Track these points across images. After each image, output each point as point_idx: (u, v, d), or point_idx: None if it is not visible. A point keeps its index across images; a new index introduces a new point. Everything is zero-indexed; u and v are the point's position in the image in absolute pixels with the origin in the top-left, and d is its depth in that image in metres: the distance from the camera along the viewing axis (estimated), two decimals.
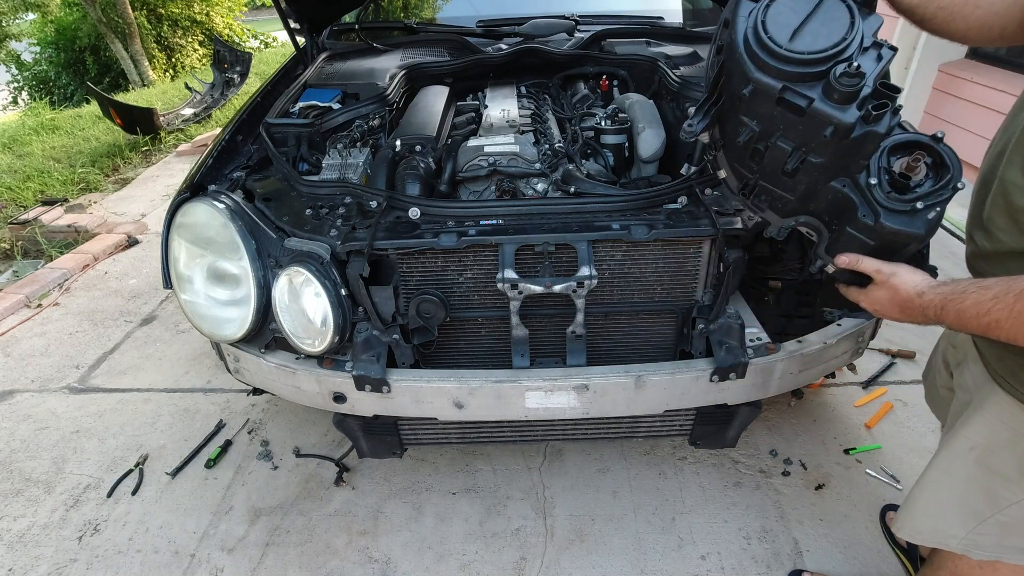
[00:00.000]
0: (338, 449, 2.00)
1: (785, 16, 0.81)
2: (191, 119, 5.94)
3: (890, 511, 1.69)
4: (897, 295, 0.90)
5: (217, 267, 1.43)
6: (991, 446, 0.97)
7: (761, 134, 0.92)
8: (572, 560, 1.65)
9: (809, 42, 0.80)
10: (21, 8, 10.55)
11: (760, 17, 0.81)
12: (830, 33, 0.80)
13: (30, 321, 2.85)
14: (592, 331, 1.49)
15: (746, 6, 0.86)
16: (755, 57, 0.83)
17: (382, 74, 2.09)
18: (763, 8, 0.82)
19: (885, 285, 0.92)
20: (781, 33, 0.81)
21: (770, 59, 0.82)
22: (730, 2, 0.90)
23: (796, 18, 0.81)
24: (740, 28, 0.85)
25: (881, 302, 0.94)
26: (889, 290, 0.91)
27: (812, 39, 0.80)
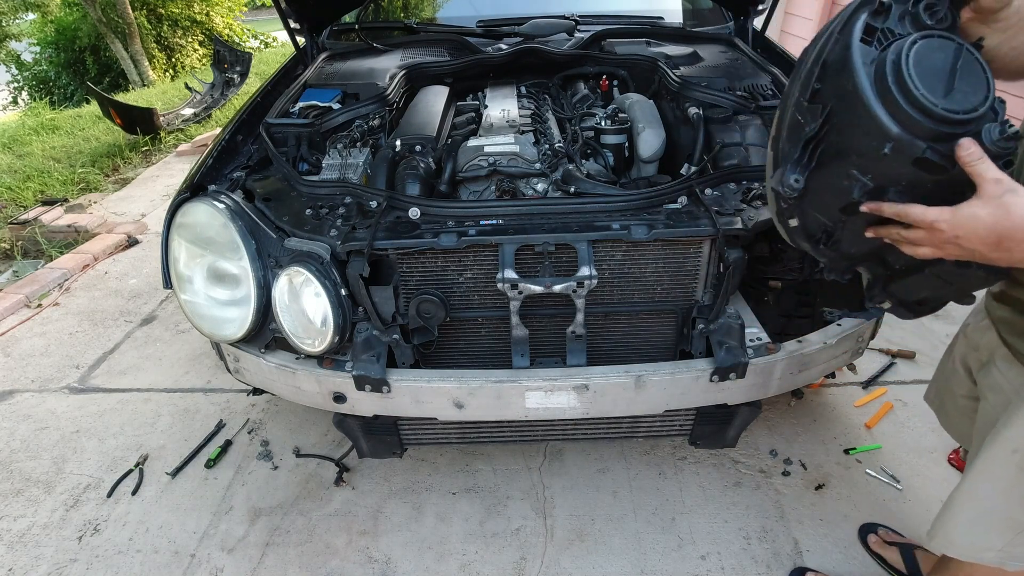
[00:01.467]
0: (338, 449, 2.00)
1: (930, 66, 0.71)
2: (191, 119, 5.94)
3: (871, 533, 1.66)
4: (1006, 219, 0.68)
5: (217, 267, 1.44)
6: None
7: (875, 190, 0.79)
8: (572, 560, 1.65)
9: (960, 100, 0.71)
10: (21, 8, 10.56)
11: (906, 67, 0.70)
12: (975, 89, 0.72)
13: (30, 321, 2.85)
14: (592, 331, 1.49)
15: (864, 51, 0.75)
16: (899, 111, 0.71)
17: (382, 74, 2.09)
18: (905, 56, 0.71)
19: (995, 202, 0.68)
20: (934, 87, 0.70)
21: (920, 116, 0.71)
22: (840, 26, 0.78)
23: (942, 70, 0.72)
24: (863, 73, 0.74)
25: (975, 220, 0.70)
26: (997, 209, 0.68)
27: (963, 96, 0.71)
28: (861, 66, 0.74)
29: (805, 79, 0.81)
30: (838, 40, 0.77)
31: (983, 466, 1.00)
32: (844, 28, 0.77)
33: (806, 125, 0.81)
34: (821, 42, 0.80)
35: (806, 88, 0.80)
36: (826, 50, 0.79)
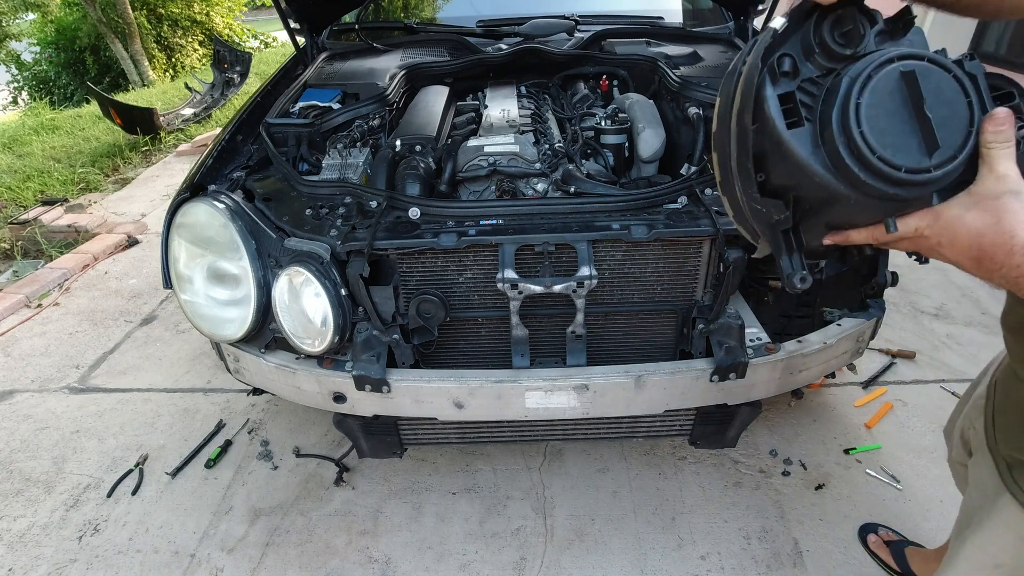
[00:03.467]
0: (338, 449, 2.00)
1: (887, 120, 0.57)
2: (191, 119, 5.94)
3: (870, 533, 1.66)
4: (994, 231, 0.55)
5: (217, 267, 1.44)
6: (1019, 571, 0.86)
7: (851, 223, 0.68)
8: (572, 560, 1.65)
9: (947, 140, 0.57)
10: (21, 8, 10.56)
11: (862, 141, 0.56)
12: (951, 131, 0.57)
13: (30, 321, 2.85)
14: (592, 331, 1.49)
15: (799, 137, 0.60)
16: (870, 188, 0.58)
17: (382, 74, 2.09)
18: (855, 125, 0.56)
19: (989, 203, 0.55)
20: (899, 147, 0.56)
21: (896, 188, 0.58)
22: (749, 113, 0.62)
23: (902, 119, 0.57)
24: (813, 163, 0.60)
25: (960, 229, 0.57)
26: (989, 214, 0.55)
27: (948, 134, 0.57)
28: (809, 157, 0.60)
29: (743, 174, 0.66)
30: (761, 131, 0.62)
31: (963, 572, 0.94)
32: (758, 114, 0.62)
33: (772, 215, 0.67)
34: (736, 128, 0.65)
35: (750, 182, 0.66)
36: (749, 143, 0.64)
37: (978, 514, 0.90)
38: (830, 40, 0.60)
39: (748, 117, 0.62)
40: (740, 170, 0.66)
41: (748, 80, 0.62)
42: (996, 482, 0.85)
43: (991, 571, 0.88)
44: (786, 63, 0.61)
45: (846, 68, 0.59)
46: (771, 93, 0.61)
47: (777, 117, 0.60)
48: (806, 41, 0.61)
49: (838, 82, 0.59)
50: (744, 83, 0.63)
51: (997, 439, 0.87)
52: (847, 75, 0.58)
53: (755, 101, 0.61)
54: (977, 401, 1.00)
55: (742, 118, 0.63)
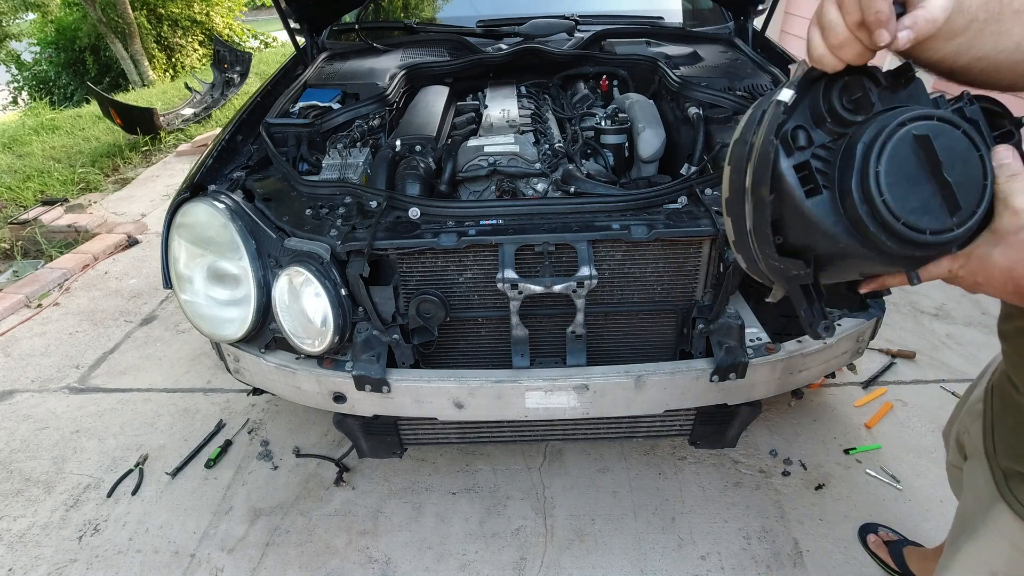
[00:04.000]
0: (338, 449, 2.00)
1: (907, 185, 0.57)
2: (191, 119, 5.94)
3: (870, 533, 1.66)
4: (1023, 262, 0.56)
5: (217, 267, 1.44)
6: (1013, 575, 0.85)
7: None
8: (572, 560, 1.65)
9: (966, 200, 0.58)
10: (21, 8, 10.55)
11: (884, 208, 0.57)
12: (969, 188, 0.57)
13: (30, 321, 2.85)
14: (592, 331, 1.49)
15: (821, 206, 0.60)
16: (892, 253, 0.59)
17: (382, 74, 2.09)
18: (877, 194, 0.57)
19: (1014, 238, 0.56)
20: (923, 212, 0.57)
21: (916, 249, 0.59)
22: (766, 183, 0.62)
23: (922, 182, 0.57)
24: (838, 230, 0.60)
25: (991, 268, 0.58)
26: (1017, 250, 0.56)
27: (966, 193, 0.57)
28: (831, 224, 0.60)
29: (760, 239, 0.66)
30: (779, 201, 0.62)
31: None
32: (776, 186, 0.62)
33: (791, 271, 0.67)
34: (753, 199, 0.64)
35: (768, 245, 0.66)
36: (767, 213, 0.64)
37: (973, 521, 0.90)
38: (840, 108, 0.60)
39: (765, 189, 0.62)
40: (758, 235, 0.66)
41: (763, 155, 0.62)
42: (991, 490, 0.85)
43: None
44: (800, 137, 0.61)
45: (857, 131, 0.59)
46: (787, 166, 0.60)
47: (796, 188, 0.60)
48: (815, 110, 0.61)
49: (852, 147, 0.59)
50: (758, 157, 0.63)
51: (995, 448, 0.87)
52: (861, 141, 0.58)
53: (772, 174, 0.61)
54: (973, 406, 0.99)
55: (758, 189, 0.64)
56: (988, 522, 0.86)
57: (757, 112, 0.66)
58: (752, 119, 0.66)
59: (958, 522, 0.97)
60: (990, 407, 0.91)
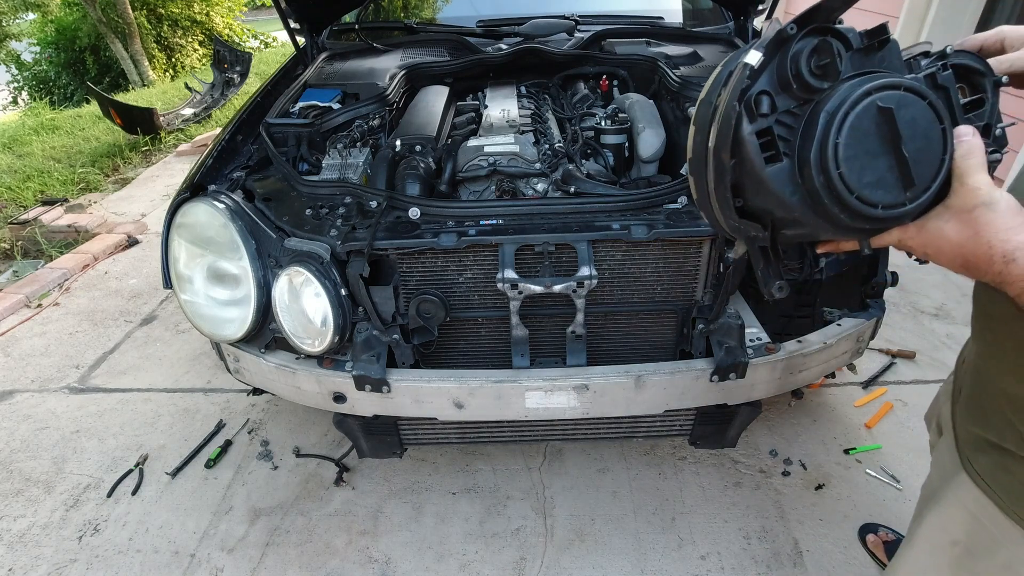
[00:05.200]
0: (338, 449, 2.00)
1: (864, 155, 0.57)
2: (191, 119, 5.94)
3: (869, 533, 1.66)
4: (973, 242, 0.58)
5: (217, 267, 1.44)
6: (972, 547, 0.84)
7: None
8: (572, 560, 1.65)
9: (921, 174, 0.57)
10: (21, 8, 10.55)
11: (839, 181, 0.57)
12: (926, 163, 0.57)
13: (30, 321, 2.85)
14: (592, 331, 1.49)
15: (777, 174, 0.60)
16: (847, 224, 0.60)
17: (382, 74, 2.09)
18: (833, 168, 0.56)
19: (966, 216, 0.58)
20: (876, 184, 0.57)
21: (869, 223, 0.60)
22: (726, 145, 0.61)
23: (878, 153, 0.57)
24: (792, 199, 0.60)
25: (941, 241, 0.60)
26: (965, 227, 0.58)
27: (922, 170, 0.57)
28: (788, 193, 0.60)
29: (721, 201, 0.66)
30: (739, 166, 0.62)
31: (922, 552, 0.92)
32: (736, 151, 0.61)
33: (752, 232, 0.68)
34: (714, 162, 0.64)
35: (728, 207, 0.66)
36: (727, 176, 0.63)
37: (936, 493, 0.90)
38: (807, 74, 0.59)
39: (726, 155, 0.62)
40: (718, 197, 0.66)
41: (725, 118, 0.61)
42: (955, 460, 0.85)
43: (948, 548, 0.87)
44: (764, 103, 0.59)
45: (823, 98, 0.58)
46: (749, 132, 0.60)
47: (756, 156, 0.60)
48: (782, 74, 0.60)
49: (815, 116, 0.58)
50: (721, 121, 0.62)
51: (958, 415, 0.88)
52: (824, 110, 0.57)
53: (733, 140, 0.61)
54: (948, 387, 1.00)
55: (719, 154, 0.63)
56: (949, 492, 0.86)
57: (724, 72, 0.64)
58: (719, 79, 0.64)
59: (923, 496, 0.98)
60: (957, 380, 0.92)
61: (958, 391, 0.91)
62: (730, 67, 0.63)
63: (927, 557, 0.91)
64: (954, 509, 0.86)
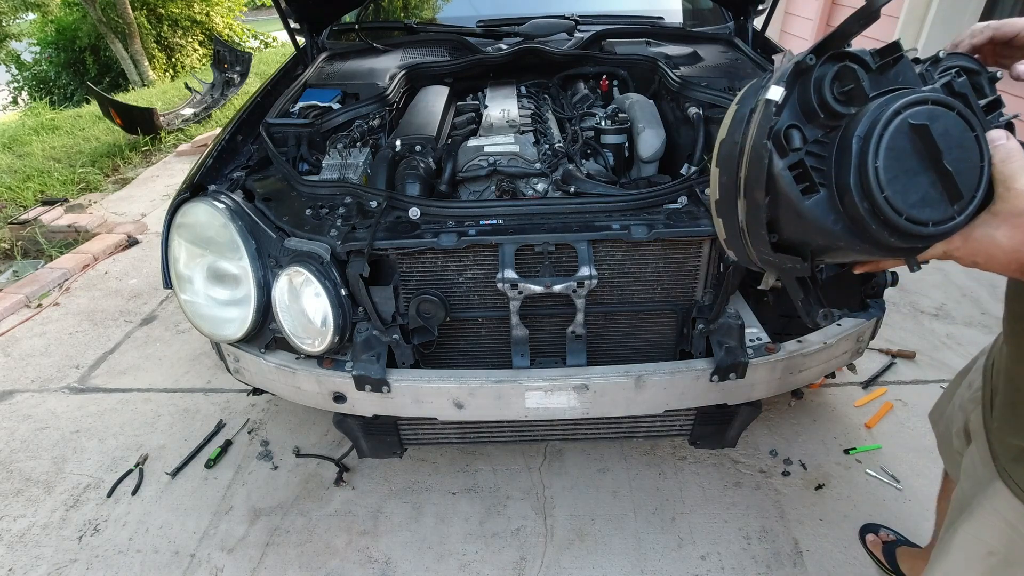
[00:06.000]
0: (338, 449, 2.00)
1: (905, 176, 0.55)
2: (191, 119, 5.94)
3: (870, 533, 1.66)
4: None
5: (217, 267, 1.44)
6: (1010, 557, 0.83)
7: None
8: (572, 560, 1.65)
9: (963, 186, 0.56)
10: (21, 8, 10.55)
11: (884, 203, 0.55)
12: (968, 173, 0.56)
13: (30, 321, 2.85)
14: (592, 331, 1.49)
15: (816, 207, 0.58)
16: (891, 245, 0.58)
17: (382, 74, 2.09)
18: (878, 188, 0.54)
19: (1016, 220, 0.56)
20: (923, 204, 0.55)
21: (916, 241, 0.58)
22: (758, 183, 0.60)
23: (921, 173, 0.55)
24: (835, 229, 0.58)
25: (992, 247, 0.57)
26: (1016, 231, 0.56)
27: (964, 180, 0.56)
28: (831, 223, 0.58)
29: (755, 238, 0.65)
30: (775, 203, 0.61)
31: (953, 564, 0.91)
32: (771, 188, 0.60)
33: (789, 265, 0.66)
34: (747, 201, 0.63)
35: (763, 243, 0.65)
36: (762, 214, 0.62)
37: (970, 502, 0.90)
38: (832, 101, 0.58)
39: (760, 193, 0.61)
40: (752, 235, 0.65)
41: (756, 157, 0.60)
42: (990, 469, 0.85)
43: (984, 559, 0.85)
44: (795, 138, 0.58)
45: (851, 123, 0.57)
46: (782, 167, 0.58)
47: (792, 190, 0.58)
48: (806, 105, 0.59)
49: (847, 141, 0.56)
50: (750, 160, 0.61)
51: (993, 424, 0.87)
52: (856, 135, 0.56)
53: (767, 178, 0.60)
54: (975, 393, 0.99)
55: (752, 192, 0.62)
56: (985, 502, 0.85)
57: (744, 109, 0.63)
58: (739, 117, 0.64)
59: (956, 505, 0.97)
60: (989, 389, 0.91)
61: (989, 397, 0.90)
62: (749, 104, 0.62)
63: (962, 568, 0.90)
64: (990, 519, 0.85)
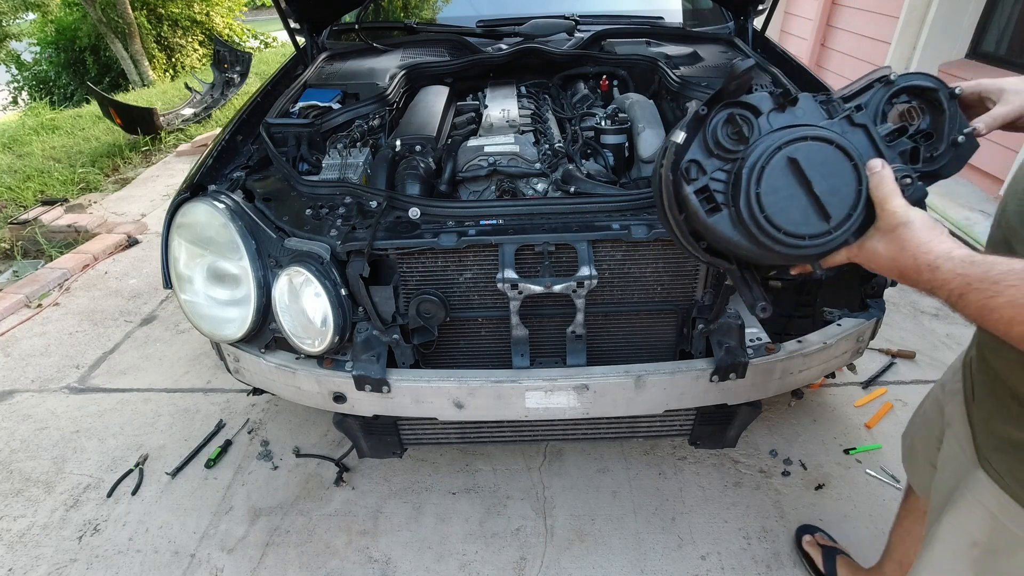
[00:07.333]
0: (338, 449, 2.00)
1: (784, 199, 0.70)
2: (191, 119, 5.94)
3: (807, 534, 1.65)
4: (901, 256, 0.67)
5: (217, 267, 1.44)
6: (992, 547, 0.84)
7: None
8: (572, 560, 1.65)
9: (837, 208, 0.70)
10: (21, 8, 10.55)
11: (764, 221, 0.70)
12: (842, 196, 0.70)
13: (30, 321, 2.85)
14: (592, 331, 1.49)
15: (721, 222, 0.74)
16: (783, 256, 0.73)
17: (382, 74, 2.09)
18: (758, 208, 0.70)
19: (891, 235, 0.68)
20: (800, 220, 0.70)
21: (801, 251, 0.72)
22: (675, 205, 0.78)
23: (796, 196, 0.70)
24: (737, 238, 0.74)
25: (879, 257, 0.70)
26: (892, 245, 0.68)
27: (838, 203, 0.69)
28: (732, 235, 0.73)
29: (689, 244, 0.81)
30: (690, 219, 0.77)
31: (938, 557, 0.92)
32: (683, 208, 0.76)
33: (724, 265, 0.82)
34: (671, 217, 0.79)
35: (696, 249, 0.81)
36: (684, 227, 0.79)
37: (952, 494, 0.90)
38: (724, 140, 0.74)
39: (675, 211, 0.78)
40: (687, 242, 0.81)
41: (667, 185, 0.77)
42: (971, 458, 0.86)
43: (968, 550, 0.86)
44: (693, 170, 0.75)
45: (746, 154, 0.72)
46: (690, 192, 0.74)
47: (699, 210, 0.74)
48: (705, 144, 0.75)
49: (740, 171, 0.72)
50: (664, 187, 0.78)
51: (975, 413, 0.88)
52: (746, 166, 0.71)
53: (677, 200, 0.77)
54: (954, 386, 1.00)
55: (672, 211, 0.79)
56: (967, 492, 0.86)
57: (666, 142, 0.79)
58: (661, 150, 0.79)
59: (936, 498, 0.98)
60: (969, 379, 0.93)
61: (971, 388, 0.91)
62: (668, 139, 0.79)
63: (948, 560, 0.90)
64: (973, 509, 0.86)
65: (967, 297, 0.61)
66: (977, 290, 0.60)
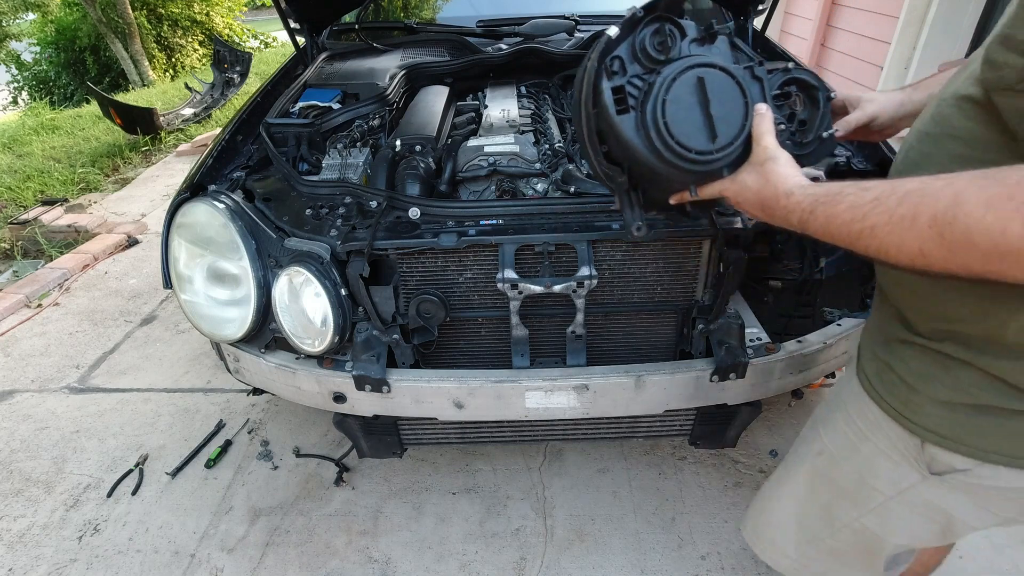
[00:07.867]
0: (338, 449, 2.00)
1: (685, 112, 0.77)
2: (191, 119, 5.94)
3: None
4: (765, 187, 0.74)
5: (217, 267, 1.44)
6: (836, 453, 0.88)
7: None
8: (572, 560, 1.65)
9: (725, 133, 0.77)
10: (21, 8, 10.56)
11: (665, 129, 0.76)
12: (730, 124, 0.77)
13: (30, 321, 2.85)
14: (592, 331, 1.49)
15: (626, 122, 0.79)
16: (676, 166, 0.79)
17: (382, 74, 2.09)
18: (661, 115, 0.76)
19: (758, 169, 0.75)
20: (695, 133, 0.77)
21: (695, 166, 0.78)
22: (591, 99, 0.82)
23: (696, 111, 0.77)
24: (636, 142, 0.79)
25: (746, 190, 0.77)
26: (759, 177, 0.75)
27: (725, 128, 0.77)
28: (632, 136, 0.78)
29: (592, 145, 0.85)
30: (600, 115, 0.81)
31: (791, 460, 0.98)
32: (597, 102, 0.80)
33: (616, 177, 0.88)
34: (584, 111, 0.83)
35: (597, 152, 0.86)
36: (593, 123, 0.83)
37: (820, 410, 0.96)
38: (649, 47, 0.79)
39: (590, 104, 0.82)
40: (590, 142, 0.86)
41: (589, 75, 0.81)
42: (850, 373, 0.90)
43: (813, 459, 0.92)
44: (615, 64, 0.80)
45: (663, 68, 0.78)
46: (606, 86, 0.79)
47: (609, 105, 0.79)
48: (632, 47, 0.80)
49: (654, 80, 0.78)
50: (586, 77, 0.81)
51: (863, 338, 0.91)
52: (661, 76, 0.77)
53: (594, 92, 0.80)
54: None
55: (587, 104, 0.83)
56: (834, 398, 0.93)
57: (594, 45, 0.83)
58: (592, 49, 0.83)
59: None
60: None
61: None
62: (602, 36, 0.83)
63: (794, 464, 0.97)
64: (834, 414, 0.91)
65: (816, 211, 0.66)
66: (823, 203, 0.66)
